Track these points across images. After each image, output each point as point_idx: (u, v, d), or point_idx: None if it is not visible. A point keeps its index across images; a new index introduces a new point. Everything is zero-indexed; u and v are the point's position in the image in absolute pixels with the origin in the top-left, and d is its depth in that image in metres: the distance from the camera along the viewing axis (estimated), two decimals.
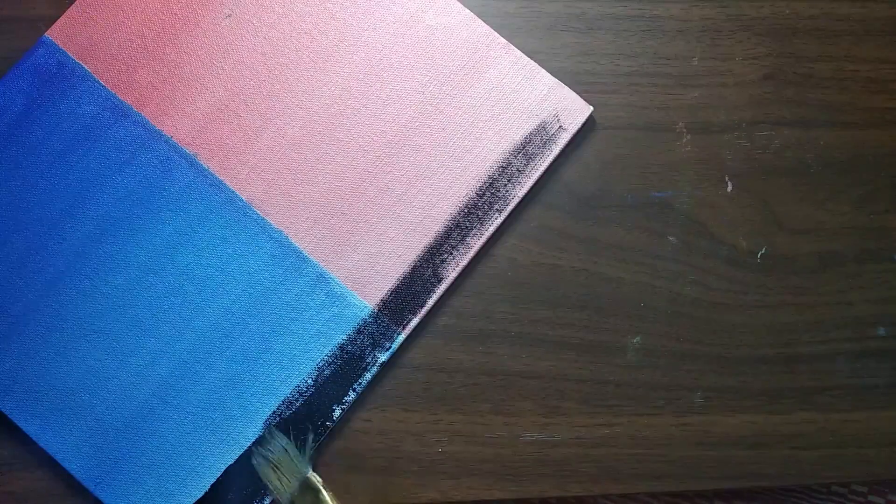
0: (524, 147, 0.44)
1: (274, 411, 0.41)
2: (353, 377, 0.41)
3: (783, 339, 0.43)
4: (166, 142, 0.44)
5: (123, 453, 0.40)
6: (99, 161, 0.43)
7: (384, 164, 0.43)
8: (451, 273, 0.43)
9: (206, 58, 0.44)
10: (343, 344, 0.42)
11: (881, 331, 0.43)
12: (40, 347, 0.41)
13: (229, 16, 0.45)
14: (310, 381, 0.41)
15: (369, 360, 0.42)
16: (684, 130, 0.45)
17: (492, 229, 0.43)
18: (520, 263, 0.43)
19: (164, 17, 0.45)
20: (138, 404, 0.41)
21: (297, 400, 0.41)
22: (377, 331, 0.42)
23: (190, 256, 0.42)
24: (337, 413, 0.41)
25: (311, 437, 0.40)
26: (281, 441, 0.40)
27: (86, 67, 0.44)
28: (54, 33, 0.45)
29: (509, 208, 0.43)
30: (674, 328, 0.43)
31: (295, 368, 0.41)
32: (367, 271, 0.42)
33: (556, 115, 0.44)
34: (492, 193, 0.43)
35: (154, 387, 0.41)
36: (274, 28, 0.45)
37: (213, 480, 0.40)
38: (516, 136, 0.44)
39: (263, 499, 0.40)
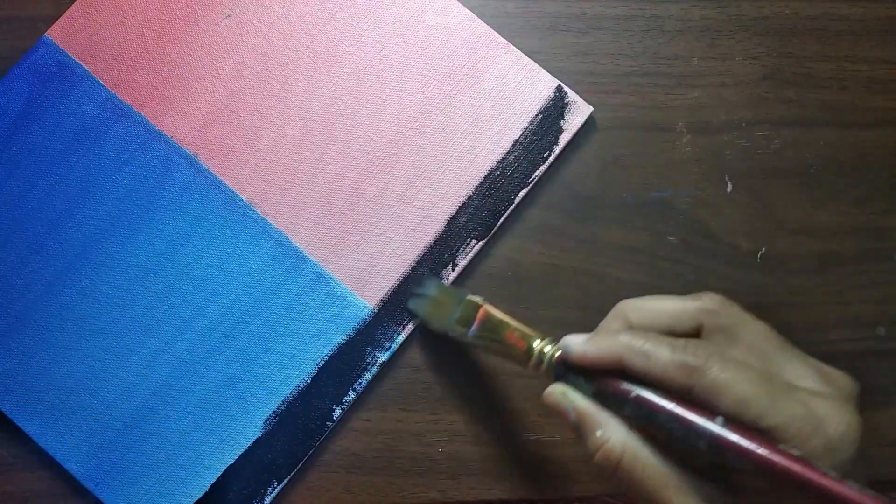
0: (524, 147, 0.44)
1: (274, 411, 0.41)
2: (353, 377, 0.41)
3: None
4: (166, 142, 0.44)
5: (123, 453, 0.40)
6: (99, 161, 0.43)
7: (384, 164, 0.43)
8: (451, 273, 0.42)
9: (206, 58, 0.44)
10: (343, 344, 0.42)
11: (881, 331, 0.43)
12: (40, 347, 0.41)
13: (229, 16, 0.45)
14: (309, 381, 0.41)
15: (369, 360, 0.42)
16: (684, 130, 0.45)
17: (492, 229, 0.43)
18: (520, 263, 0.43)
19: (164, 17, 0.45)
20: (138, 404, 0.41)
21: (297, 400, 0.41)
22: (377, 331, 0.42)
23: (190, 256, 0.42)
24: (337, 413, 0.41)
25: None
26: (433, 281, 0.41)
27: (86, 67, 0.44)
28: (54, 33, 0.45)
29: (509, 208, 0.43)
30: None
31: (295, 368, 0.41)
32: (367, 271, 0.42)
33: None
34: (492, 193, 0.43)
35: (154, 387, 0.41)
36: (274, 28, 0.45)
37: (213, 480, 0.40)
38: (516, 135, 0.44)
39: (263, 498, 0.40)
